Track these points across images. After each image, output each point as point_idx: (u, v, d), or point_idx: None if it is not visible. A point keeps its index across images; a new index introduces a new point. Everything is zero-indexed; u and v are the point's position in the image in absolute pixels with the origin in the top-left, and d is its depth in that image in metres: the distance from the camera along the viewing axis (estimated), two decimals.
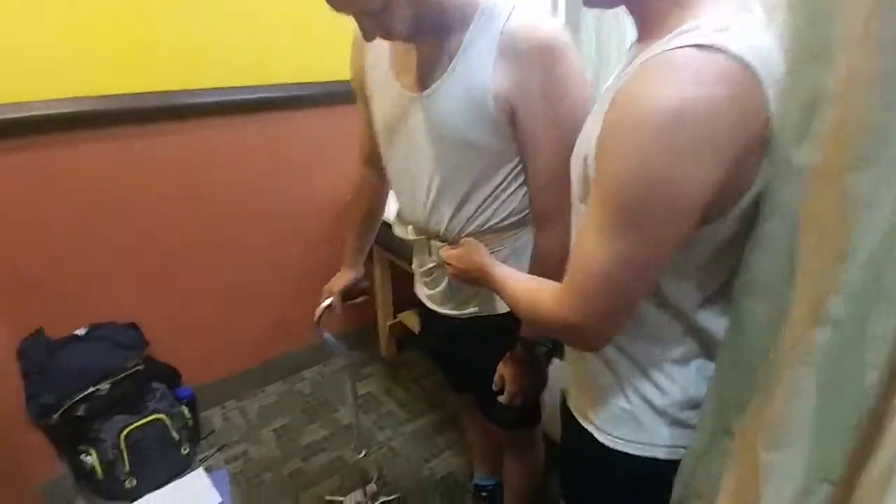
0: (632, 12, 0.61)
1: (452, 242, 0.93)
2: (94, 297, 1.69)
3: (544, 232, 0.88)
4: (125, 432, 1.57)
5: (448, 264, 0.90)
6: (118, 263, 1.70)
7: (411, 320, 2.16)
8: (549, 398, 1.08)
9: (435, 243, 0.97)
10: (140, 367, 1.65)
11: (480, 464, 1.50)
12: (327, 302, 1.20)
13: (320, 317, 1.21)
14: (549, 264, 0.84)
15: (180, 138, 1.71)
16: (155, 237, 1.74)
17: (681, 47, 0.50)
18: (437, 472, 1.70)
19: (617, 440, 0.71)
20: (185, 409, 1.77)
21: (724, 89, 0.48)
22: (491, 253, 0.89)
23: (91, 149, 1.58)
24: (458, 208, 0.90)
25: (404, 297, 2.09)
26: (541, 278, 0.73)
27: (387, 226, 1.85)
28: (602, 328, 0.60)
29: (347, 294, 1.25)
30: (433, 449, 1.79)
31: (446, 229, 0.93)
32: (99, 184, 1.61)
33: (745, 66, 0.49)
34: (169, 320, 1.83)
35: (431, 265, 1.01)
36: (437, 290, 1.03)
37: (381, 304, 2.19)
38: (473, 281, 0.86)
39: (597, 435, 0.73)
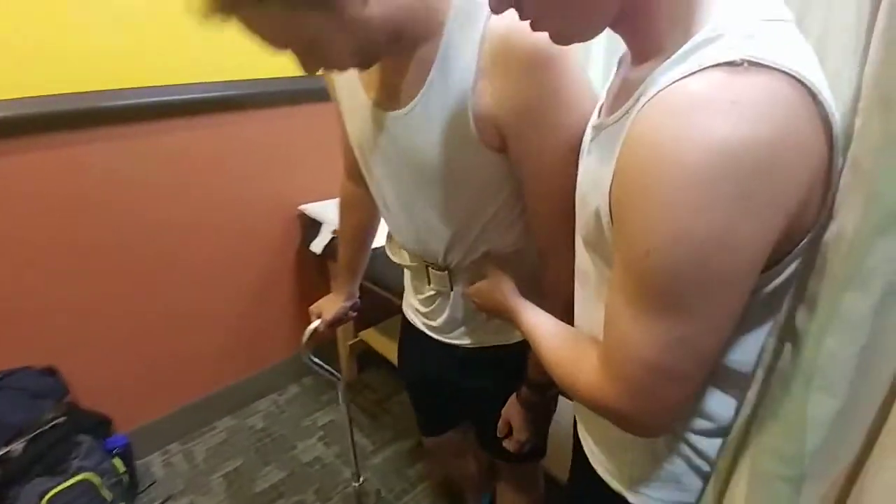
0: (625, 34, 0.50)
1: (453, 271, 0.85)
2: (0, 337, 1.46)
3: (549, 266, 0.76)
4: (47, 498, 1.36)
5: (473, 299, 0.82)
6: (29, 294, 1.47)
7: (373, 338, 2.02)
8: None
9: (434, 272, 0.88)
10: (61, 420, 1.44)
11: (472, 492, 1.40)
12: (314, 325, 1.12)
13: (308, 339, 1.15)
14: (558, 301, 0.73)
15: (107, 146, 1.49)
16: (75, 259, 1.51)
17: (708, 67, 0.39)
18: None
19: (656, 501, 0.61)
20: (118, 462, 1.57)
21: (775, 118, 0.38)
22: None
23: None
24: (454, 240, 0.80)
25: (365, 313, 1.95)
26: (576, 336, 0.62)
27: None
28: (658, 418, 0.48)
29: (337, 322, 1.17)
30: (405, 483, 1.66)
31: (444, 260, 0.84)
32: (4, 198, 1.38)
33: (796, 81, 0.38)
34: (93, 357, 1.61)
35: (431, 293, 0.92)
36: (441, 319, 0.93)
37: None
38: (499, 317, 0.77)
39: (630, 497, 0.63)
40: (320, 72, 0.69)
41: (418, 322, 1.01)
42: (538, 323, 0.66)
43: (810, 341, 0.40)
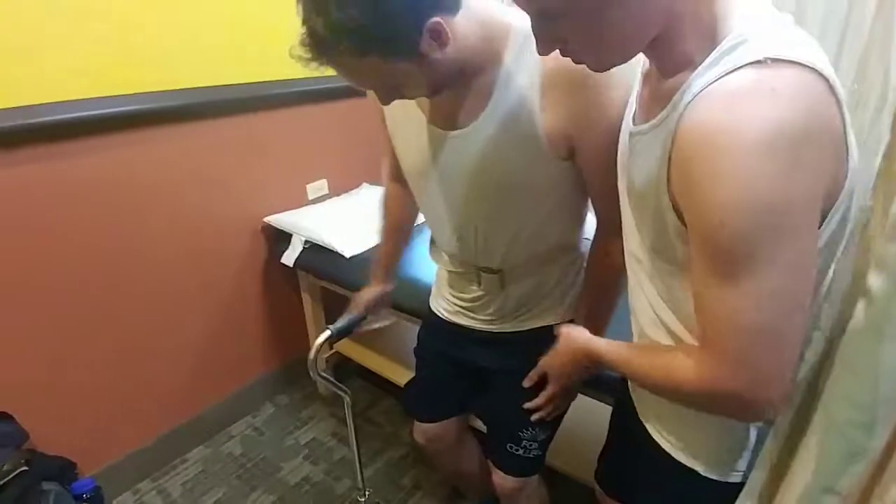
0: (654, 55, 0.59)
1: (505, 273, 0.97)
2: None
3: (615, 239, 0.80)
4: None
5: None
6: None
7: (350, 349, 1.99)
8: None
9: (486, 275, 0.99)
10: (23, 469, 1.34)
11: (470, 491, 1.42)
12: (324, 336, 1.13)
13: (318, 352, 1.14)
14: (611, 270, 0.86)
15: (51, 164, 1.37)
16: (22, 284, 1.39)
17: (740, 67, 0.48)
18: None
19: (736, 473, 0.68)
20: None
21: (808, 100, 0.47)
22: (541, 277, 0.98)
23: None
24: (510, 245, 0.93)
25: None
26: (656, 348, 0.69)
27: (318, 249, 1.70)
28: (770, 391, 0.52)
29: (375, 306, 1.25)
30: (401, 493, 1.65)
31: (499, 264, 0.96)
32: None
33: (816, 73, 0.47)
34: (50, 398, 1.50)
35: (480, 293, 1.03)
36: (487, 313, 1.05)
37: (314, 335, 2.00)
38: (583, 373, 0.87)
39: (706, 473, 0.70)
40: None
41: (456, 317, 1.10)
42: (624, 353, 0.71)
43: (882, 297, 0.45)
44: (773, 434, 0.60)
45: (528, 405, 1.00)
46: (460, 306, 1.09)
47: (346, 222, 1.81)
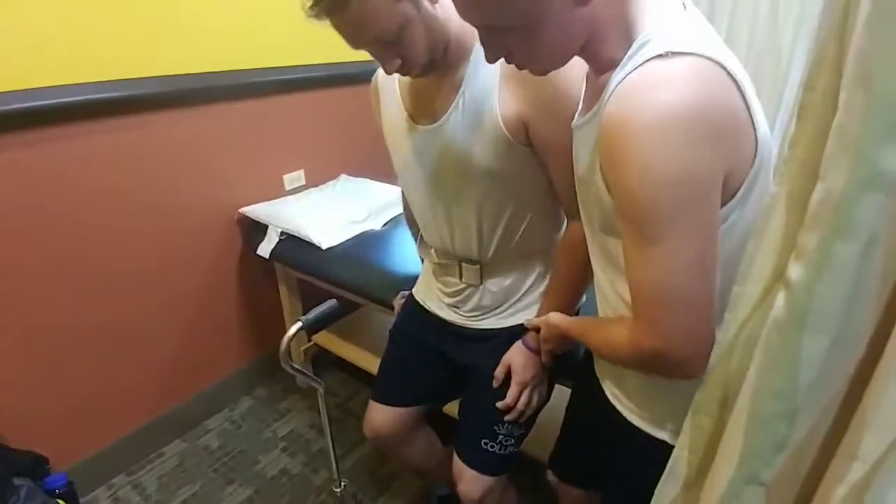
0: (586, 58, 0.68)
1: (485, 265, 1.04)
2: None
3: (575, 224, 0.94)
4: None
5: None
6: None
7: (328, 341, 2.00)
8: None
9: (466, 266, 1.06)
10: None
11: (440, 479, 1.42)
12: (294, 329, 1.11)
13: (289, 345, 1.12)
14: (579, 249, 0.89)
15: (21, 151, 1.36)
16: None
17: (646, 61, 0.56)
18: None
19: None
20: (60, 503, 1.46)
21: (701, 84, 0.54)
22: (520, 274, 1.05)
23: None
24: (487, 236, 0.99)
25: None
26: (607, 319, 0.78)
27: (294, 240, 1.70)
28: (687, 347, 0.60)
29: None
30: (379, 484, 1.67)
31: (477, 255, 1.03)
32: None
33: (712, 62, 0.55)
34: (20, 392, 1.49)
35: (462, 286, 1.09)
36: (469, 308, 1.10)
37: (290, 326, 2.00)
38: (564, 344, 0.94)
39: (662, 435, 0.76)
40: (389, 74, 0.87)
41: (441, 311, 1.15)
42: (585, 328, 0.82)
43: (802, 289, 0.47)
44: (694, 421, 0.63)
45: (499, 404, 1.03)
46: (445, 301, 1.14)
47: (324, 213, 1.81)
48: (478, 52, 0.86)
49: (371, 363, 1.84)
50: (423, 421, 1.27)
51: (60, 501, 1.47)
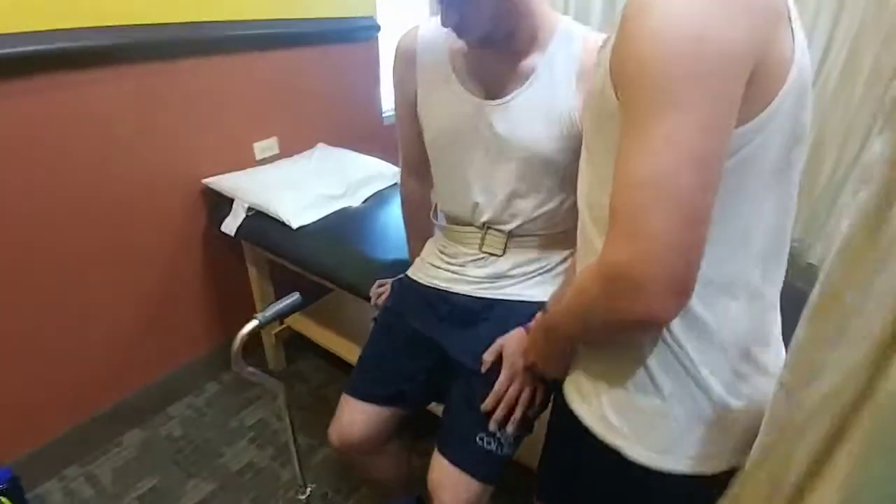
0: None
1: (512, 234, 1.01)
2: None
3: None
4: None
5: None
6: None
7: (302, 324, 1.88)
8: None
9: (492, 235, 1.03)
10: None
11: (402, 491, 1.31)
12: (251, 326, 0.99)
13: (241, 346, 0.99)
14: None
15: None
16: None
17: None
18: None
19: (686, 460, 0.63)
20: (6, 500, 1.35)
21: None
22: (543, 258, 1.02)
23: None
24: (525, 213, 0.98)
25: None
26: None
27: (263, 217, 1.55)
28: (659, 262, 0.47)
29: None
30: (352, 480, 1.57)
31: (510, 228, 1.01)
32: None
33: None
34: None
35: (479, 256, 1.05)
36: (478, 274, 1.04)
37: (261, 310, 1.87)
38: (549, 358, 0.80)
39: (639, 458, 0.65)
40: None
41: (441, 280, 1.08)
42: (559, 305, 0.69)
43: None
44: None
45: (485, 404, 0.91)
46: (451, 270, 1.07)
47: (297, 187, 1.66)
48: (556, 45, 0.90)
49: (348, 350, 1.73)
50: (397, 431, 1.15)
51: (3, 498, 1.36)
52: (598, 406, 0.67)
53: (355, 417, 1.09)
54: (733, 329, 0.60)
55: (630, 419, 0.64)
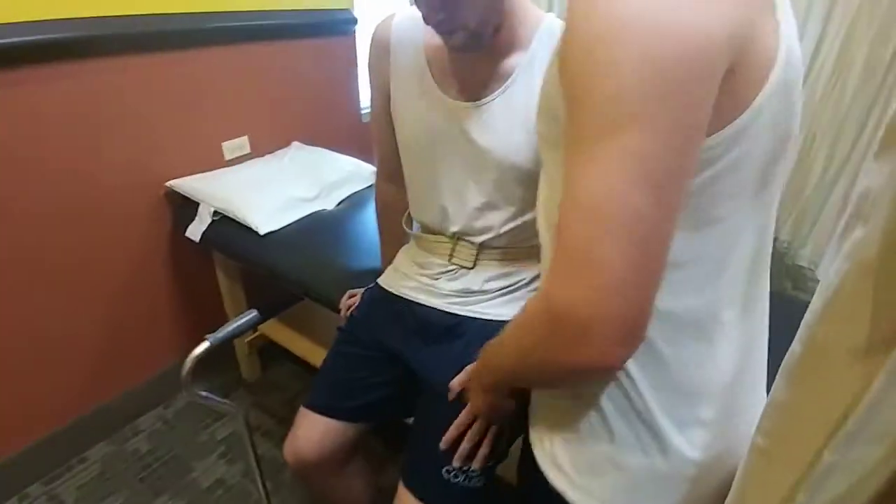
0: None
1: (483, 246, 0.95)
2: None
3: None
4: None
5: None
6: None
7: (275, 331, 1.80)
8: None
9: (462, 246, 0.97)
10: None
11: None
12: (201, 348, 0.98)
13: (191, 370, 1.00)
14: None
15: None
16: None
17: None
18: None
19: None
20: None
21: None
22: (513, 273, 0.95)
23: None
24: (495, 224, 0.92)
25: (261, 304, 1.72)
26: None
27: (229, 222, 1.48)
28: (609, 301, 0.40)
29: None
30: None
31: (479, 240, 0.95)
32: None
33: None
34: None
35: (450, 268, 0.98)
36: (451, 289, 0.98)
37: (233, 316, 1.79)
38: (493, 394, 0.73)
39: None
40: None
41: (415, 293, 1.01)
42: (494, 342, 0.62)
43: None
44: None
45: (444, 439, 0.84)
46: (422, 281, 1.01)
47: (267, 189, 1.58)
48: (539, 43, 0.85)
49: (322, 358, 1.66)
50: (359, 450, 1.09)
51: None
52: (549, 446, 0.61)
53: (312, 433, 1.02)
54: (700, 373, 0.53)
55: (579, 464, 0.57)
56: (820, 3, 1.68)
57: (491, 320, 0.94)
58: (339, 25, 2.04)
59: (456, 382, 0.86)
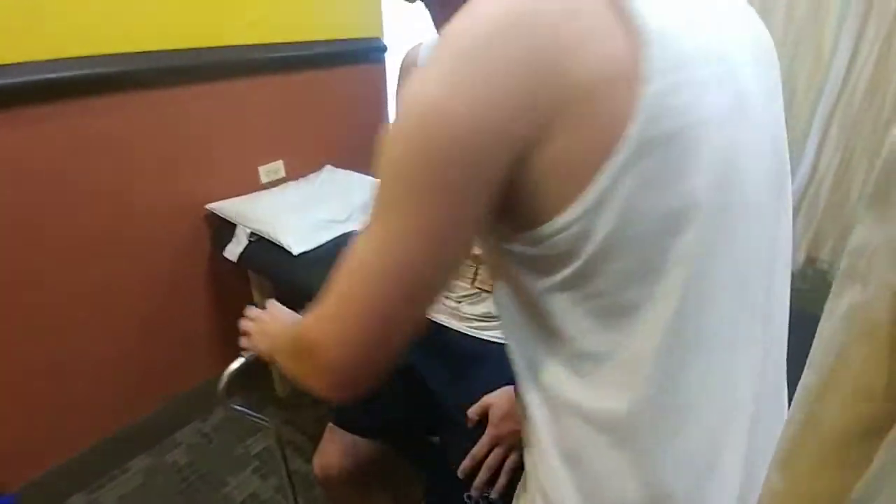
0: None
1: None
2: None
3: None
4: None
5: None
6: None
7: None
8: None
9: (484, 268, 0.98)
10: None
11: None
12: (238, 363, 0.98)
13: (228, 383, 0.99)
14: None
15: None
16: None
17: None
18: None
19: None
20: None
21: (487, 19, 0.38)
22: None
23: None
24: None
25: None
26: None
27: (266, 243, 1.54)
28: (339, 347, 0.46)
29: None
30: None
31: None
32: None
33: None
34: None
35: (473, 292, 1.01)
36: (476, 313, 1.00)
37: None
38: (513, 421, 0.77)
39: None
40: None
41: (442, 316, 1.04)
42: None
43: None
44: None
45: (461, 468, 0.84)
46: (448, 305, 1.04)
47: (301, 212, 1.64)
48: None
49: None
50: (385, 467, 1.11)
51: None
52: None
53: (336, 447, 1.06)
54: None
55: None
56: (854, 14, 1.66)
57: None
58: (370, 53, 2.12)
59: (474, 411, 0.87)
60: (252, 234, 1.59)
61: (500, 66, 0.37)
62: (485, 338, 0.98)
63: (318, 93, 1.95)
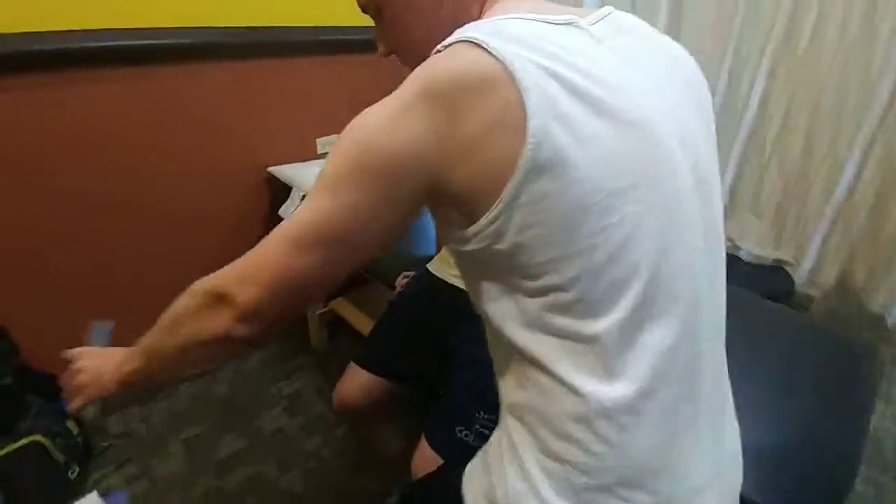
0: None
1: None
2: None
3: None
4: None
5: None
6: None
7: (343, 307, 2.03)
8: None
9: None
10: (8, 381, 1.44)
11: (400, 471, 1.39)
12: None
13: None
14: None
15: (66, 91, 1.43)
16: (25, 212, 1.49)
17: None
18: (372, 486, 1.61)
19: None
20: (72, 425, 1.58)
21: (450, 64, 0.52)
22: None
23: None
24: None
25: None
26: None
27: None
28: (247, 288, 0.61)
29: None
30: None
31: None
32: None
33: (483, 50, 0.50)
34: (47, 317, 1.59)
35: None
36: None
37: None
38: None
39: None
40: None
41: (457, 280, 1.13)
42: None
43: None
44: None
45: None
46: (455, 274, 1.14)
47: None
48: None
49: None
50: (396, 405, 1.25)
51: (71, 423, 1.58)
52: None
53: (354, 383, 1.21)
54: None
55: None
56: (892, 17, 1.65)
57: None
58: None
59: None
60: (304, 195, 1.76)
61: (421, 122, 0.50)
62: None
63: (372, 75, 2.09)
